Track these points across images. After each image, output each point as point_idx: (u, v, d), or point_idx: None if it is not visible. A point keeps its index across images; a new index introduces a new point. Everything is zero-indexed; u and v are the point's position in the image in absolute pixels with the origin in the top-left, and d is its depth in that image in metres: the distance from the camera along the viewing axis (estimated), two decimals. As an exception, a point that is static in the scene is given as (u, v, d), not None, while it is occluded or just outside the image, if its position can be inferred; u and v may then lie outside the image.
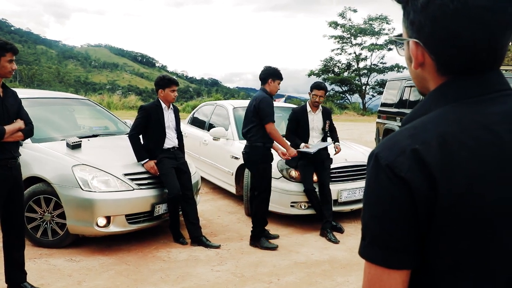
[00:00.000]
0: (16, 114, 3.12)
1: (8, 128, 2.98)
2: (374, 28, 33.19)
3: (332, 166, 5.00)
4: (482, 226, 0.71)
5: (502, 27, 0.74)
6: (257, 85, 4.56)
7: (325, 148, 4.91)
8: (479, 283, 0.73)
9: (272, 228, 4.97)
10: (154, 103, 4.54)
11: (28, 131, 3.17)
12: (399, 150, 0.74)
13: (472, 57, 0.76)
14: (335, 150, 5.02)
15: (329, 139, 5.18)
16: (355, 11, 33.55)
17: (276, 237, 4.64)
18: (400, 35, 0.87)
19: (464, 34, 0.74)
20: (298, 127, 4.98)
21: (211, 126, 6.65)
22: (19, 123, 3.09)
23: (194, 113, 7.85)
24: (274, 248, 4.33)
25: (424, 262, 0.75)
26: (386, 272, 0.74)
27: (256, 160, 4.39)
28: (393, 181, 0.73)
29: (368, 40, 33.89)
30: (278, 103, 11.19)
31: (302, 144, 4.85)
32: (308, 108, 5.02)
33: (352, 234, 4.84)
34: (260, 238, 4.39)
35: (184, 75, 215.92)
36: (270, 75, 4.41)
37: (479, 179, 0.71)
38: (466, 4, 0.73)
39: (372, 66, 34.04)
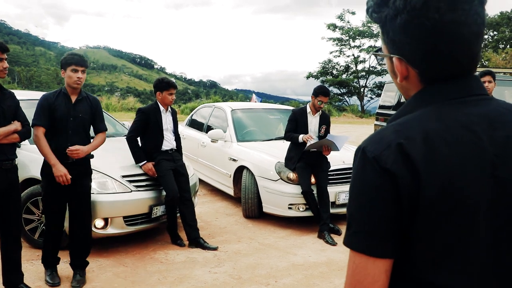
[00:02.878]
0: (14, 116, 3.11)
1: (2, 130, 2.97)
2: (373, 31, 33.26)
3: (329, 168, 5.01)
4: (461, 219, 0.76)
5: (475, 36, 0.82)
6: (255, 87, 4.59)
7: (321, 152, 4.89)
8: (456, 272, 0.78)
9: (270, 230, 4.99)
10: (152, 106, 4.55)
11: (25, 133, 3.16)
12: (385, 144, 0.79)
13: (453, 66, 0.83)
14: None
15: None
16: (353, 13, 33.64)
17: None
18: (380, 49, 0.94)
19: (444, 48, 0.81)
20: (297, 128, 5.00)
21: (209, 128, 6.66)
22: (15, 125, 3.07)
23: (192, 115, 7.86)
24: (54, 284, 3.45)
25: (406, 254, 0.79)
26: (370, 260, 0.78)
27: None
28: (379, 173, 0.77)
29: (367, 42, 33.99)
30: (254, 103, 11.05)
31: (302, 136, 4.83)
32: (308, 110, 5.04)
33: (349, 236, 4.84)
34: (48, 266, 3.56)
35: (183, 77, 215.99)
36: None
37: (459, 174, 0.76)
38: (441, 21, 0.79)
39: (371, 68, 34.10)
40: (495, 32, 32.62)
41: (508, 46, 29.58)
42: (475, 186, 0.76)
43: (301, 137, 4.84)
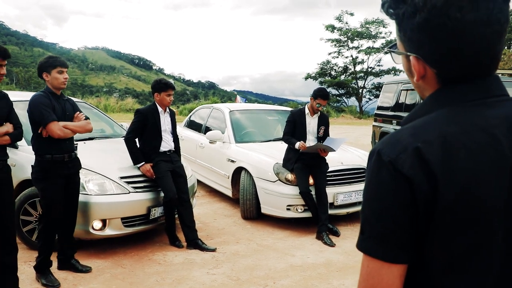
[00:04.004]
0: (6, 118, 3.10)
1: None
2: (371, 32, 33.29)
3: (328, 169, 5.01)
4: (479, 225, 0.74)
5: (497, 35, 0.78)
6: (254, 88, 4.59)
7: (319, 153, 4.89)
8: (472, 280, 0.76)
9: (268, 231, 4.99)
10: (150, 107, 4.54)
11: (16, 135, 3.15)
12: (402, 147, 0.76)
13: (473, 67, 0.79)
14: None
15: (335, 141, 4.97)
16: (352, 14, 33.66)
17: (88, 269, 3.73)
18: (394, 45, 0.89)
19: (465, 48, 0.77)
20: (295, 130, 5.00)
21: (207, 129, 6.66)
22: (7, 127, 3.07)
23: (190, 116, 7.86)
24: (55, 286, 3.44)
25: (420, 260, 0.77)
26: (385, 265, 0.76)
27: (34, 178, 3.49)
28: (395, 177, 0.75)
29: (365, 43, 34.02)
30: (239, 104, 10.98)
31: (298, 143, 4.85)
32: (306, 111, 5.05)
33: (348, 237, 4.85)
34: (44, 271, 3.52)
35: (181, 78, 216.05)
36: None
37: (477, 180, 0.73)
38: (464, 20, 0.75)
39: (369, 69, 34.14)
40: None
41: (506, 48, 29.67)
42: (494, 191, 0.74)
43: (297, 145, 4.86)
